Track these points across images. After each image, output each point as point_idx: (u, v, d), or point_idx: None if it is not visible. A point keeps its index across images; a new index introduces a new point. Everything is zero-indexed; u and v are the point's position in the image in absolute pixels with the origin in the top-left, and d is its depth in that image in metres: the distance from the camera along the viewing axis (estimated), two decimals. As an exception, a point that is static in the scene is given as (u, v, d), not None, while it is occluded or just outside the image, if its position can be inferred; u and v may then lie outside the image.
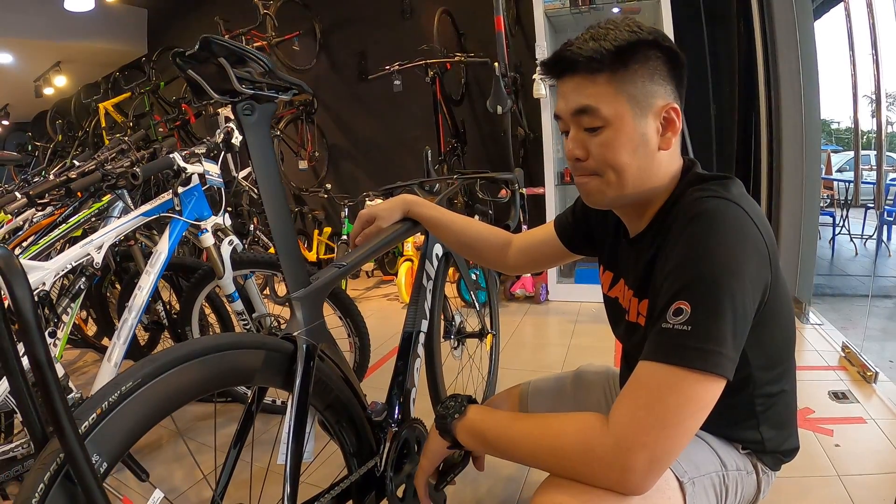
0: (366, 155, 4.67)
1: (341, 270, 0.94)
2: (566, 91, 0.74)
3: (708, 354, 0.62)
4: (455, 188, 1.44)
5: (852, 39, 2.43)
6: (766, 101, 2.99)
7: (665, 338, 0.64)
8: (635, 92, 0.71)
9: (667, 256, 0.69)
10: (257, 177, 0.83)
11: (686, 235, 0.67)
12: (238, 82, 0.77)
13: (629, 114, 0.71)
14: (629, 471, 0.62)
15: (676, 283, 0.65)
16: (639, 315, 0.80)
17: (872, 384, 1.97)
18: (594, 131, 0.73)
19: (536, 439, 0.70)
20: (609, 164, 0.74)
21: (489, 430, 0.76)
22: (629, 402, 0.64)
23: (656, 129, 0.73)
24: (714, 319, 0.62)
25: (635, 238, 0.83)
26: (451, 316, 1.61)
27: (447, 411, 0.82)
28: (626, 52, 0.70)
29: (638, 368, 0.66)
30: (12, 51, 4.82)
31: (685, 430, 0.63)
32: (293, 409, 0.76)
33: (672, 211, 0.74)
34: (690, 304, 0.63)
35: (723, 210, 0.68)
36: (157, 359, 0.63)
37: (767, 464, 0.86)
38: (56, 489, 0.52)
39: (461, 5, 3.87)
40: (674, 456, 0.64)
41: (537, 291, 3.38)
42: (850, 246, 5.41)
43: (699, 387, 0.62)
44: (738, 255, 0.65)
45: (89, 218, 1.65)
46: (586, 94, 0.72)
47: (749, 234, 0.67)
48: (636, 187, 0.75)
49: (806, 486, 1.41)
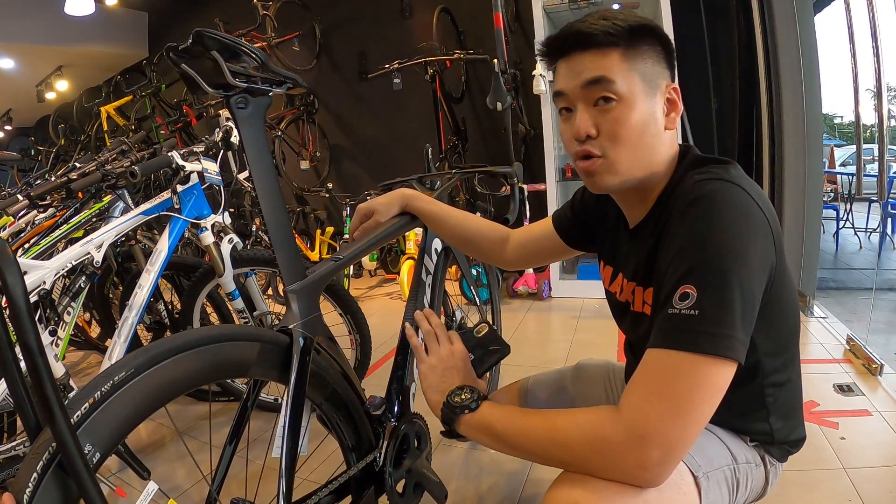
0: (367, 154, 4.67)
1: (337, 264, 0.94)
2: (574, 65, 0.73)
3: (718, 338, 0.60)
4: (453, 182, 1.44)
5: (852, 32, 2.42)
6: (767, 94, 2.98)
7: (673, 323, 0.62)
8: (646, 70, 0.72)
9: (669, 241, 0.68)
10: (251, 170, 0.83)
11: (688, 219, 0.66)
12: (231, 76, 0.77)
13: (641, 91, 0.71)
14: (644, 460, 0.61)
15: (681, 267, 0.64)
16: (644, 304, 0.79)
17: (878, 377, 1.96)
18: (607, 104, 0.71)
19: (547, 432, 0.68)
20: (620, 140, 0.72)
21: (498, 422, 0.74)
22: (640, 391, 0.63)
23: (662, 109, 0.74)
24: (722, 302, 0.61)
25: (636, 228, 0.82)
26: (452, 311, 1.60)
27: (462, 402, 0.79)
28: (637, 32, 0.71)
29: (646, 356, 0.64)
30: (14, 56, 4.85)
31: (699, 416, 0.61)
32: (288, 402, 0.76)
33: (672, 195, 0.74)
34: (697, 287, 0.62)
35: (724, 192, 0.66)
36: (151, 349, 0.63)
37: (775, 455, 0.85)
38: (49, 478, 0.52)
39: (460, 3, 3.87)
40: (689, 444, 0.62)
41: (540, 288, 3.37)
42: (855, 240, 5.38)
43: (711, 371, 0.61)
44: (743, 237, 0.63)
45: (90, 218, 1.66)
46: (600, 65, 0.71)
47: (752, 214, 0.65)
48: (643, 168, 0.74)
49: (811, 479, 1.40)
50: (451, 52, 3.66)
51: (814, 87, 2.86)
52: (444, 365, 0.88)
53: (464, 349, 0.92)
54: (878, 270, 4.34)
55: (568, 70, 0.74)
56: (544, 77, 3.10)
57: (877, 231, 5.37)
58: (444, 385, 0.84)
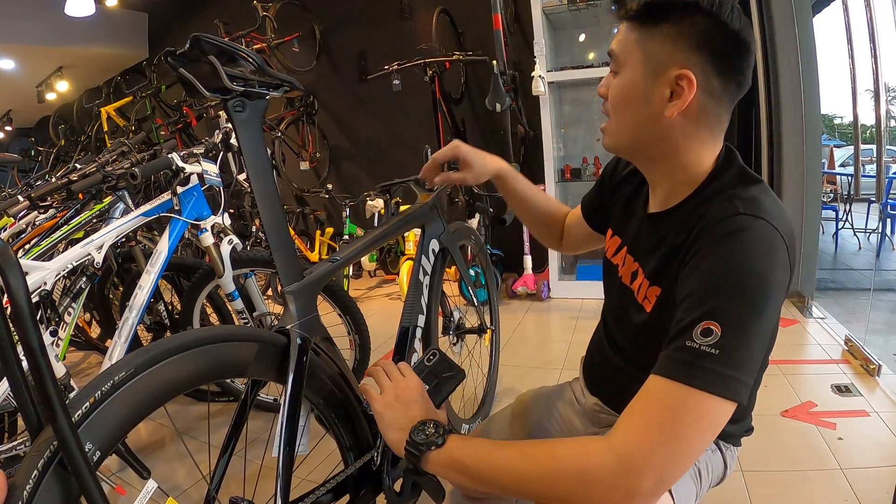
0: (366, 155, 4.68)
1: (335, 265, 0.95)
2: (617, 32, 0.77)
3: (730, 380, 0.60)
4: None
5: (850, 34, 2.43)
6: (766, 95, 2.99)
7: (690, 357, 0.61)
8: (653, 50, 0.71)
9: (698, 264, 0.66)
10: (249, 172, 0.84)
11: (723, 253, 0.64)
12: (229, 80, 0.77)
13: (640, 69, 0.72)
14: (634, 493, 0.59)
15: (708, 302, 0.62)
16: (645, 299, 0.78)
17: (875, 377, 1.97)
18: (615, 75, 0.77)
19: (524, 464, 0.64)
20: (613, 107, 0.77)
21: (468, 457, 0.69)
22: (638, 421, 0.61)
23: (663, 94, 0.71)
24: (742, 346, 0.61)
25: (657, 215, 0.81)
26: (450, 312, 1.61)
27: (426, 439, 0.72)
28: (656, 10, 0.70)
29: (650, 385, 0.63)
30: (14, 57, 4.85)
31: (694, 451, 0.61)
32: (286, 402, 0.77)
33: (707, 204, 0.71)
34: (722, 327, 0.60)
35: (761, 234, 0.65)
36: (151, 349, 0.64)
37: (729, 441, 0.88)
38: (50, 476, 0.52)
39: (459, 4, 3.87)
40: (678, 477, 0.61)
41: (539, 289, 3.38)
42: (854, 240, 5.39)
43: (716, 410, 0.60)
44: (773, 285, 0.63)
45: (90, 219, 1.67)
46: (618, 38, 0.75)
47: (782, 263, 0.65)
48: (632, 140, 0.77)
49: (809, 479, 1.41)
50: (451, 54, 3.66)
51: (812, 89, 2.87)
52: (400, 400, 0.80)
53: (419, 380, 0.85)
54: (876, 271, 4.34)
55: (616, 32, 0.78)
56: (543, 78, 3.11)
57: (876, 232, 5.37)
58: (403, 421, 0.76)
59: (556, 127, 3.28)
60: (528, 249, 3.48)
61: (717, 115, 0.73)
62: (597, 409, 0.97)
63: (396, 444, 0.75)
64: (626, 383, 0.66)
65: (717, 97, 0.71)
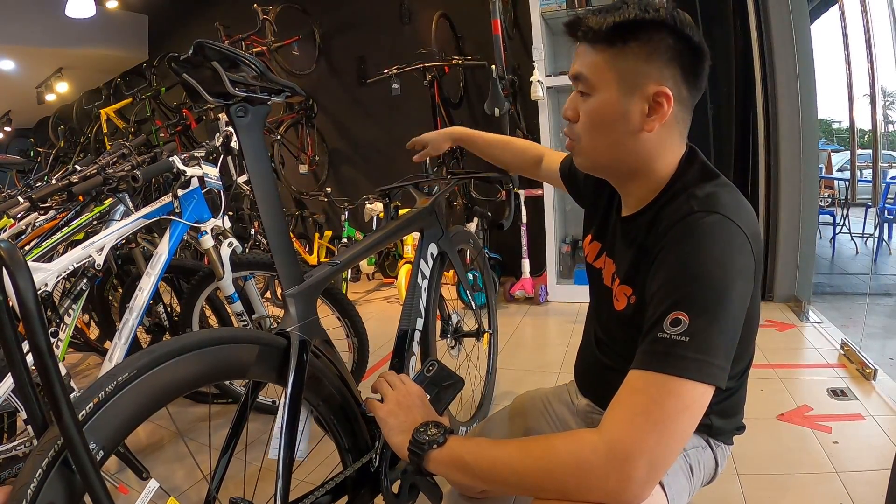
0: (366, 158, 4.69)
1: (334, 268, 0.96)
2: (576, 55, 0.78)
3: (704, 365, 0.63)
4: (450, 187, 1.46)
5: (847, 39, 2.46)
6: (764, 101, 3.00)
7: (662, 347, 0.64)
8: (626, 69, 0.73)
9: (661, 262, 0.70)
10: (251, 176, 0.85)
11: (685, 249, 0.68)
12: (231, 85, 0.78)
13: (615, 89, 0.73)
14: (628, 479, 0.61)
15: (674, 294, 0.66)
16: (623, 297, 0.82)
17: (871, 381, 1.98)
18: (583, 95, 0.77)
19: (522, 459, 0.67)
20: (587, 130, 0.78)
21: (469, 454, 0.71)
22: (624, 410, 0.64)
23: (641, 111, 0.74)
24: (711, 331, 0.63)
25: (628, 218, 0.85)
26: (448, 315, 1.62)
27: (430, 438, 0.75)
28: (625, 30, 0.72)
29: (631, 378, 0.66)
30: (14, 58, 4.86)
31: (682, 435, 0.63)
32: (286, 403, 0.78)
33: (670, 205, 0.75)
34: (689, 315, 0.64)
35: (722, 228, 0.68)
36: (153, 351, 0.65)
37: (720, 439, 0.89)
38: (54, 475, 0.53)
39: (459, 9, 3.89)
40: (670, 462, 0.63)
41: (537, 293, 3.39)
42: (851, 245, 5.41)
43: (696, 394, 0.63)
44: (734, 273, 0.66)
45: (91, 221, 1.67)
46: (584, 61, 0.76)
47: (743, 251, 0.68)
48: (612, 160, 0.79)
49: (804, 483, 1.41)
50: (450, 58, 3.68)
51: (810, 94, 2.89)
52: (402, 406, 0.84)
53: (419, 388, 0.89)
54: (873, 275, 4.36)
55: (575, 55, 0.79)
56: (542, 83, 3.12)
57: (873, 236, 5.39)
58: (406, 425, 0.80)
59: (555, 131, 3.29)
60: (527, 253, 3.49)
61: (685, 121, 0.78)
62: (588, 409, 1.00)
63: (400, 447, 0.78)
64: (615, 383, 0.68)
65: (686, 104, 0.76)
